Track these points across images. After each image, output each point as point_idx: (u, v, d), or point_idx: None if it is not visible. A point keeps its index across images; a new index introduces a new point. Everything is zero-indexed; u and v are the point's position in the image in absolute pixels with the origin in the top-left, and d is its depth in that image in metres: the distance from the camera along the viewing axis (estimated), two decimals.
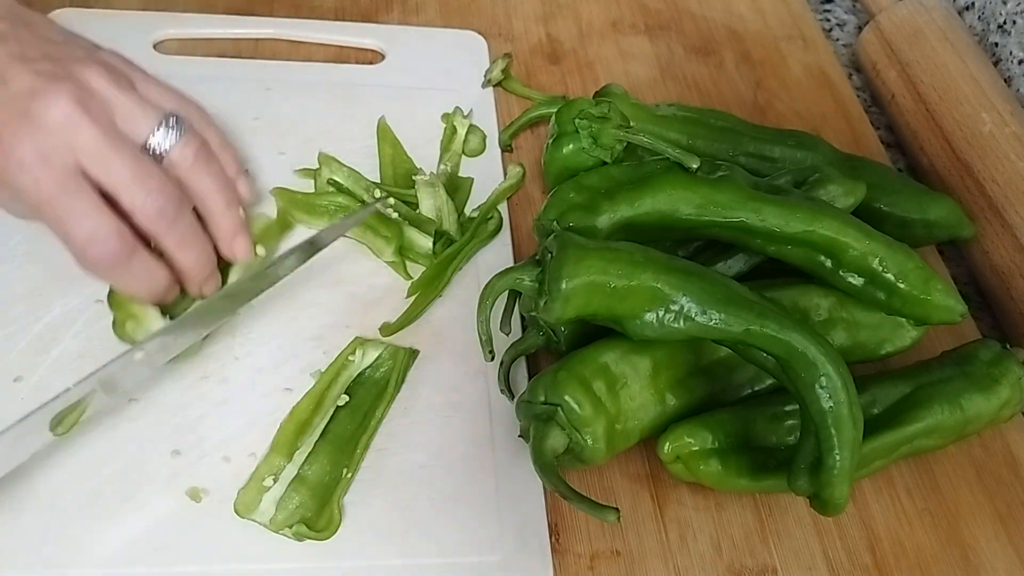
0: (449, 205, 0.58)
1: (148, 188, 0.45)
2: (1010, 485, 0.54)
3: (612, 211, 0.50)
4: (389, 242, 0.56)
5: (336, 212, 0.57)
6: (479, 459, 0.49)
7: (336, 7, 0.72)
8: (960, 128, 0.66)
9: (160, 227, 0.46)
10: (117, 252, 0.45)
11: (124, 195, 0.45)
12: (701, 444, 0.46)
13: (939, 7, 0.74)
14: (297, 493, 0.46)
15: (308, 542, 0.45)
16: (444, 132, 0.65)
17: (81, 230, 0.44)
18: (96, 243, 0.44)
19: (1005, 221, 0.62)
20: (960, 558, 0.51)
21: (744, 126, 0.63)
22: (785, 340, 0.43)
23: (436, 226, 0.58)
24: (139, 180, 0.45)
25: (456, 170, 0.63)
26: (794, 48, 0.79)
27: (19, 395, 0.47)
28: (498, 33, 0.74)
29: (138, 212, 0.45)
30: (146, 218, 0.45)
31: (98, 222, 0.44)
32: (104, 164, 0.44)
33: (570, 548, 0.48)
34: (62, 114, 0.43)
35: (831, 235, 0.50)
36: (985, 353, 0.53)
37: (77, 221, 0.44)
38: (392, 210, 0.57)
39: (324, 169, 0.58)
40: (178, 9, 0.68)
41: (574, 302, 0.44)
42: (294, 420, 0.48)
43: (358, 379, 0.51)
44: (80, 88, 0.45)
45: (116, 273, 0.46)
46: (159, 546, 0.44)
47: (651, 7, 0.79)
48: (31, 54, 0.45)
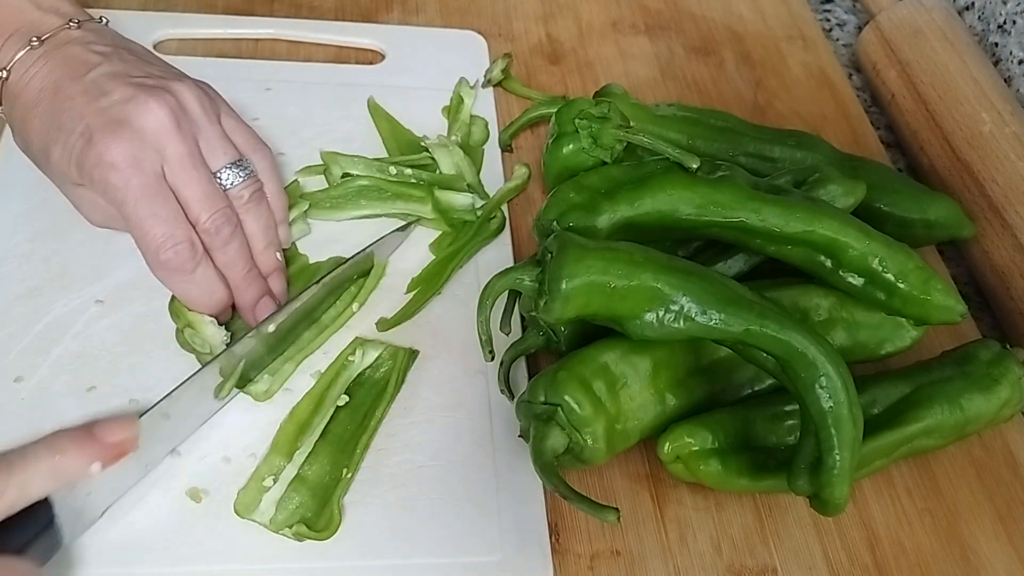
0: (467, 160, 0.60)
1: (213, 208, 0.48)
2: (1010, 485, 0.54)
3: (612, 211, 0.50)
4: (424, 200, 0.57)
5: (359, 194, 0.58)
6: (479, 459, 0.49)
7: (336, 7, 0.72)
8: (960, 128, 0.66)
9: (215, 243, 0.49)
10: (187, 258, 0.47)
11: (194, 208, 0.48)
12: (701, 444, 0.46)
13: (939, 7, 0.74)
14: (297, 493, 0.46)
15: (308, 542, 0.45)
16: (451, 102, 0.66)
17: (159, 232, 0.47)
18: (170, 246, 0.47)
19: (1005, 221, 0.62)
20: (960, 558, 0.51)
21: (744, 126, 0.63)
22: (785, 340, 0.43)
23: (464, 181, 0.59)
24: (208, 199, 0.48)
25: (466, 140, 0.63)
26: (794, 48, 0.79)
27: (19, 395, 0.47)
28: (498, 33, 0.74)
29: (200, 227, 0.48)
30: (205, 233, 0.48)
31: (176, 227, 0.47)
32: (185, 177, 0.48)
33: (570, 548, 0.48)
34: (157, 121, 0.47)
35: (831, 235, 0.50)
36: (985, 353, 0.53)
37: (157, 223, 0.47)
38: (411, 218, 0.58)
39: (333, 168, 0.59)
40: (178, 9, 0.68)
41: (574, 302, 0.44)
42: (294, 420, 0.48)
43: (358, 379, 0.51)
44: (176, 101, 0.48)
45: (182, 278, 0.48)
46: (159, 546, 0.44)
47: (651, 7, 0.79)
48: (132, 72, 0.49)
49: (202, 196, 0.48)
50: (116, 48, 0.50)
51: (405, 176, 0.59)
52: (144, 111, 0.47)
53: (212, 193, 0.49)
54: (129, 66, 0.49)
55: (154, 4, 0.68)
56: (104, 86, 0.48)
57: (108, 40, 0.51)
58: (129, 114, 0.47)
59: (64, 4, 0.52)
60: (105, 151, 0.46)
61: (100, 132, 0.46)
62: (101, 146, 0.46)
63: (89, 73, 0.48)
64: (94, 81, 0.48)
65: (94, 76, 0.48)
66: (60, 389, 0.48)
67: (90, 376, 0.48)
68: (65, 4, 0.52)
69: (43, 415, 0.47)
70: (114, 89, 0.47)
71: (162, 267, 0.48)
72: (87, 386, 0.48)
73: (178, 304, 0.50)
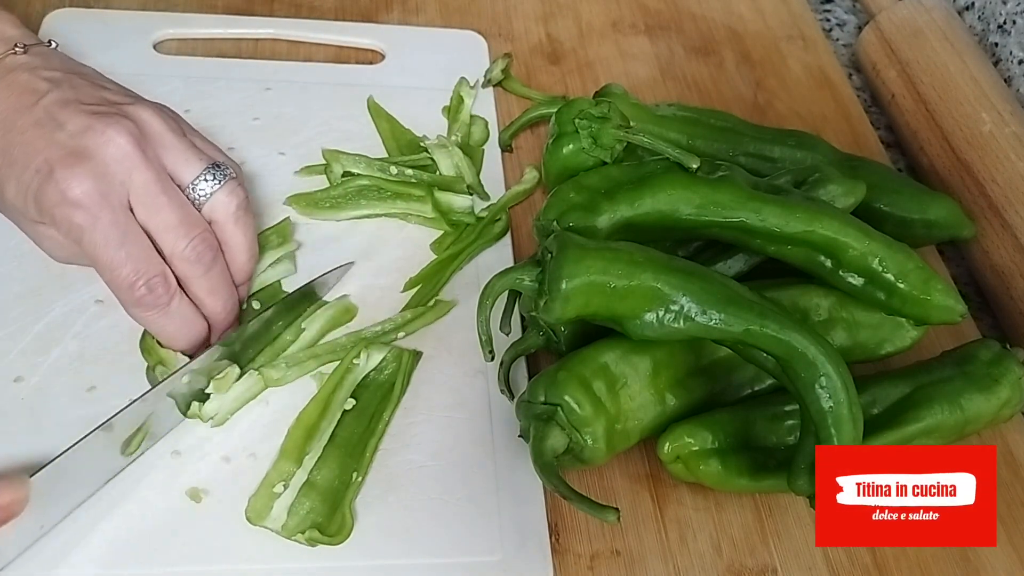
0: (466, 161, 0.60)
1: (192, 234, 0.46)
2: (1010, 485, 0.54)
3: (612, 211, 0.50)
4: (424, 201, 0.57)
5: (359, 194, 0.58)
6: (479, 459, 0.49)
7: (336, 7, 0.72)
8: (960, 128, 0.66)
9: (196, 272, 0.47)
10: (161, 293, 0.45)
11: (168, 237, 0.46)
12: (701, 444, 0.46)
13: (939, 7, 0.74)
14: (308, 498, 0.46)
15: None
16: (451, 102, 0.65)
17: (128, 270, 0.45)
18: (143, 283, 0.45)
19: (1005, 221, 0.62)
20: (960, 558, 0.51)
21: (744, 126, 0.63)
22: (785, 340, 0.43)
23: (464, 183, 0.59)
24: (185, 225, 0.46)
25: (466, 140, 0.63)
26: (794, 48, 0.79)
27: (19, 395, 0.47)
28: (498, 33, 0.74)
29: (178, 256, 0.46)
30: (184, 262, 0.46)
31: (147, 263, 0.45)
32: (153, 205, 0.45)
33: (570, 548, 0.48)
34: (119, 150, 0.44)
35: (831, 235, 0.50)
36: (985, 353, 0.53)
37: (128, 261, 0.45)
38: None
39: (334, 165, 0.59)
40: (178, 9, 0.68)
41: (574, 302, 0.44)
42: (302, 425, 0.48)
43: (363, 382, 0.51)
44: (135, 126, 0.46)
45: (157, 315, 0.46)
46: (159, 546, 0.44)
47: (651, 7, 0.79)
48: (85, 99, 0.46)
49: (177, 222, 0.46)
50: (66, 73, 0.48)
51: (406, 176, 0.59)
52: (104, 141, 0.44)
53: (187, 217, 0.46)
54: (80, 92, 0.47)
55: (154, 4, 0.68)
56: (58, 116, 0.45)
57: (57, 65, 0.49)
58: (88, 145, 0.44)
59: (8, 27, 0.49)
60: (68, 188, 0.43)
61: (60, 167, 0.43)
62: (63, 183, 0.43)
63: (40, 102, 0.46)
64: (46, 110, 0.45)
65: (46, 104, 0.45)
66: (60, 389, 0.48)
67: (90, 376, 0.48)
68: (10, 27, 0.49)
69: (43, 415, 0.47)
70: (69, 119, 0.45)
71: (136, 305, 0.46)
72: (87, 386, 0.48)
73: (149, 340, 0.49)
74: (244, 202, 0.49)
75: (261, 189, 0.58)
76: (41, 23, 0.63)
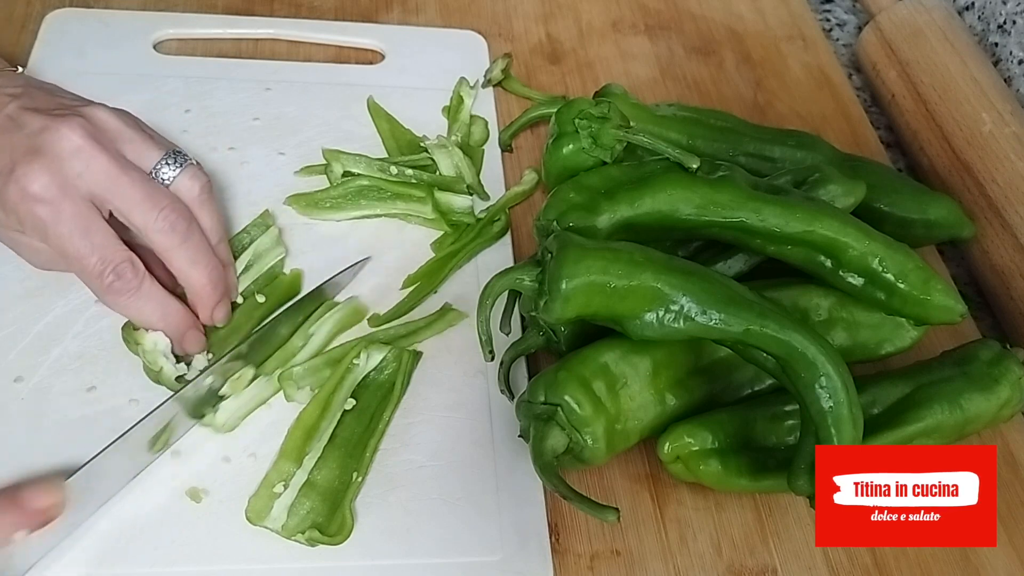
0: (466, 161, 0.60)
1: (160, 206, 0.46)
2: (1010, 485, 0.54)
3: (612, 211, 0.50)
4: (424, 201, 0.57)
5: (359, 194, 0.58)
6: (479, 459, 0.49)
7: (336, 7, 0.72)
8: (960, 128, 0.66)
9: (173, 242, 0.47)
10: (130, 277, 0.46)
11: (136, 214, 0.46)
12: (701, 444, 0.46)
13: (939, 7, 0.74)
14: (308, 499, 0.46)
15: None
16: (451, 102, 0.66)
17: (95, 259, 0.46)
18: (111, 270, 0.46)
19: (1005, 221, 0.62)
20: (960, 558, 0.51)
21: (744, 126, 0.63)
22: (785, 340, 0.43)
23: (464, 183, 0.59)
24: (150, 199, 0.46)
25: (466, 140, 0.63)
26: (794, 48, 0.79)
27: (19, 395, 0.47)
28: (498, 33, 0.74)
29: (151, 229, 0.46)
30: (159, 234, 0.47)
31: (112, 250, 0.46)
32: (116, 187, 0.46)
33: (570, 548, 0.48)
34: (72, 144, 0.45)
35: (831, 235, 0.50)
36: (985, 353, 0.53)
37: (93, 251, 0.45)
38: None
39: (335, 165, 0.59)
40: (178, 9, 0.68)
41: (574, 302, 0.44)
42: (302, 425, 0.48)
43: (363, 382, 0.51)
44: (89, 122, 0.47)
45: (131, 299, 0.47)
46: (159, 546, 0.44)
47: (651, 7, 0.79)
48: (43, 105, 0.48)
49: (143, 197, 0.46)
50: (26, 87, 0.50)
51: (406, 176, 0.59)
52: (59, 137, 0.45)
53: (153, 191, 0.47)
54: (39, 101, 0.48)
55: (154, 4, 0.68)
56: (18, 120, 0.47)
57: (18, 83, 0.50)
58: (44, 142, 0.45)
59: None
60: (27, 184, 0.45)
61: (19, 165, 0.45)
62: (23, 180, 0.45)
63: (2, 111, 0.47)
64: (8, 117, 0.47)
65: (8, 113, 0.47)
66: (60, 389, 0.48)
67: (90, 376, 0.48)
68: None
69: (43, 415, 0.47)
70: (28, 122, 0.46)
71: (107, 292, 0.46)
72: (87, 386, 0.48)
73: (129, 329, 0.49)
74: (208, 185, 0.50)
75: (261, 189, 0.58)
76: (41, 23, 0.63)
